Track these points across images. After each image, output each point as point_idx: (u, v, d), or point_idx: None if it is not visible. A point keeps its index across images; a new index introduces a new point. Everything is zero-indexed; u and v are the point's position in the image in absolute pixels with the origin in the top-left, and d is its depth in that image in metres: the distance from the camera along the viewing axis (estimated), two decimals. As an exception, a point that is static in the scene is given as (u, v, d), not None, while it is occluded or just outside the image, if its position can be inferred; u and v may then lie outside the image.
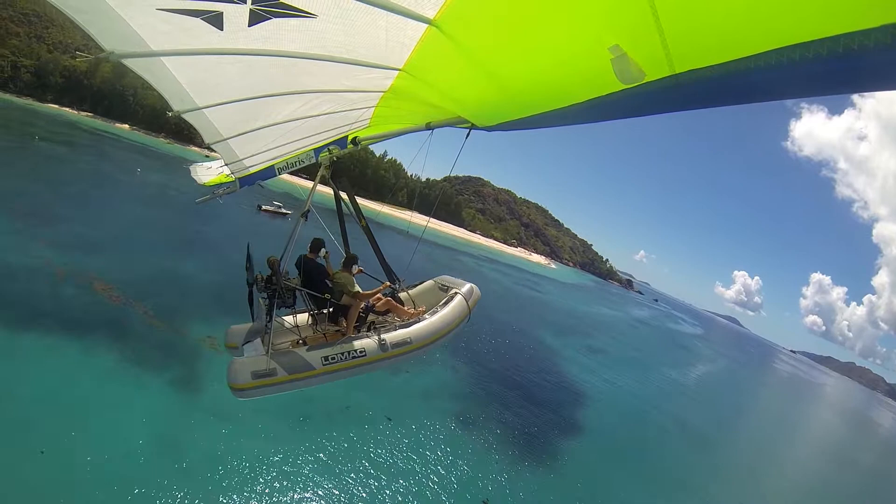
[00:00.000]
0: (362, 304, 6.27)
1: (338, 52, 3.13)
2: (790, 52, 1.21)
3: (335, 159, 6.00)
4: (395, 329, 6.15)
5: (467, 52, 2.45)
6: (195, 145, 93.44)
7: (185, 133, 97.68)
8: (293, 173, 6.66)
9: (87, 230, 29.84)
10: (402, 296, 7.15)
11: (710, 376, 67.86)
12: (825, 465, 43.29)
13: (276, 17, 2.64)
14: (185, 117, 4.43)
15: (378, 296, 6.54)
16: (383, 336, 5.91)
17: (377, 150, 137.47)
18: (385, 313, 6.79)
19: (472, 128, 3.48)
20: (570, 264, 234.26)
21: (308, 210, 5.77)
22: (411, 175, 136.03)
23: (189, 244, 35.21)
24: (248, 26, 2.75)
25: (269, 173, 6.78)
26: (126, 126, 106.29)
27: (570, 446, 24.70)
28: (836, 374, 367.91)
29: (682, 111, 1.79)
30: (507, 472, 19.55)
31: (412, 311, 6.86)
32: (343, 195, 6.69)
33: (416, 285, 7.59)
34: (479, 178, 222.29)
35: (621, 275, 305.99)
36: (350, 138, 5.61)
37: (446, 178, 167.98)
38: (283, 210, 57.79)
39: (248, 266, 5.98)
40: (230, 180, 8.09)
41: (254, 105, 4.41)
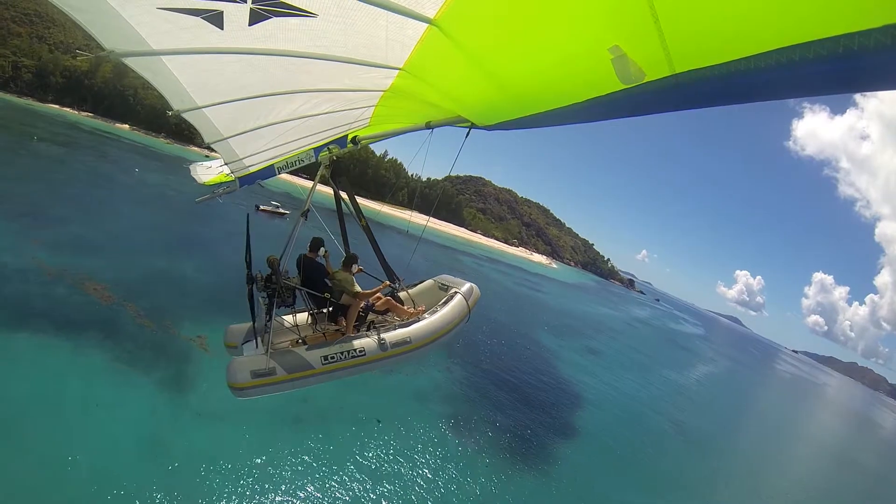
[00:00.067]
0: (362, 304, 6.28)
1: (338, 52, 3.14)
2: (790, 52, 1.21)
3: (335, 158, 6.00)
4: (395, 328, 6.15)
5: (467, 51, 2.46)
6: (195, 145, 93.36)
7: (185, 133, 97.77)
8: (293, 173, 6.66)
9: (82, 230, 29.64)
10: (402, 295, 7.15)
11: (711, 377, 67.15)
12: (827, 467, 43.02)
13: (276, 16, 2.64)
14: (185, 116, 4.43)
15: (378, 295, 6.54)
16: (383, 335, 5.91)
17: (378, 149, 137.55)
18: (385, 313, 6.80)
19: (472, 127, 3.48)
20: (572, 264, 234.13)
21: (308, 209, 5.77)
22: (412, 175, 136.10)
23: (184, 244, 34.85)
24: (249, 25, 2.76)
25: (269, 172, 6.78)
26: (126, 126, 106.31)
27: (565, 450, 24.04)
28: (839, 374, 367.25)
29: (682, 111, 1.80)
30: (497, 476, 19.11)
31: (412, 310, 6.86)
32: (343, 194, 6.69)
33: (416, 285, 7.59)
34: (480, 177, 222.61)
35: (623, 274, 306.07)
36: (350, 137, 5.62)
37: (447, 178, 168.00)
38: (280, 210, 57.53)
39: (248, 264, 5.98)
40: (230, 180, 8.09)
41: (253, 104, 4.41)
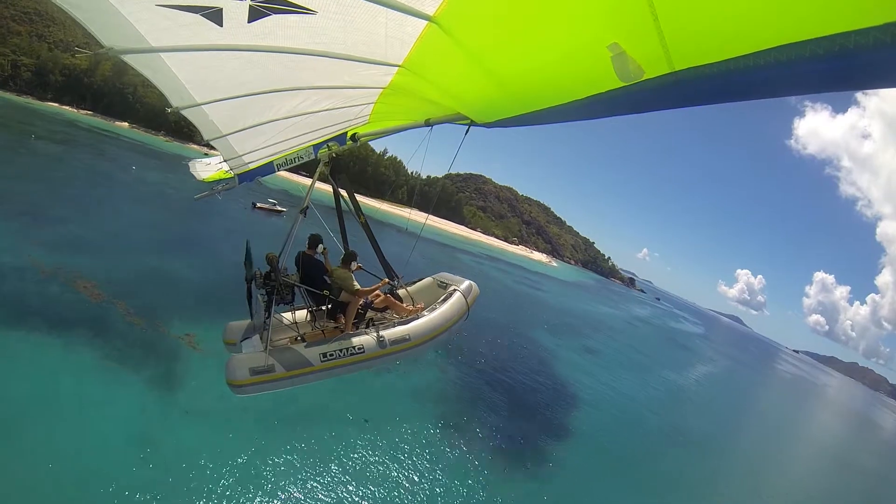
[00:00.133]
0: (361, 301, 6.28)
1: (337, 49, 3.13)
2: (789, 50, 1.21)
3: (334, 155, 6.00)
4: (394, 326, 6.16)
5: (467, 48, 2.45)
6: (194, 143, 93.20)
7: (184, 131, 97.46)
8: (292, 170, 6.66)
9: (77, 229, 29.54)
10: (401, 293, 7.16)
11: (711, 377, 66.72)
12: (827, 468, 42.89)
13: (275, 13, 2.63)
14: (184, 114, 4.41)
15: (377, 292, 6.55)
16: (382, 333, 5.92)
17: (377, 147, 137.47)
18: (384, 310, 6.81)
19: (472, 124, 3.49)
20: (572, 262, 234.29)
21: (307, 206, 5.78)
22: (412, 172, 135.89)
23: (178, 242, 34.59)
24: (248, 22, 2.75)
25: (269, 169, 6.77)
26: (125, 124, 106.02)
27: (559, 452, 23.54)
28: (839, 374, 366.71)
29: (681, 108, 1.80)
30: (486, 480, 18.62)
31: (411, 307, 6.87)
32: (342, 192, 6.69)
33: (415, 282, 7.60)
34: (480, 175, 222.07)
35: (623, 273, 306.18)
36: (349, 134, 5.62)
37: (447, 176, 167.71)
38: (278, 207, 57.28)
39: (247, 262, 5.98)
40: (229, 176, 8.07)
41: (253, 101, 4.40)
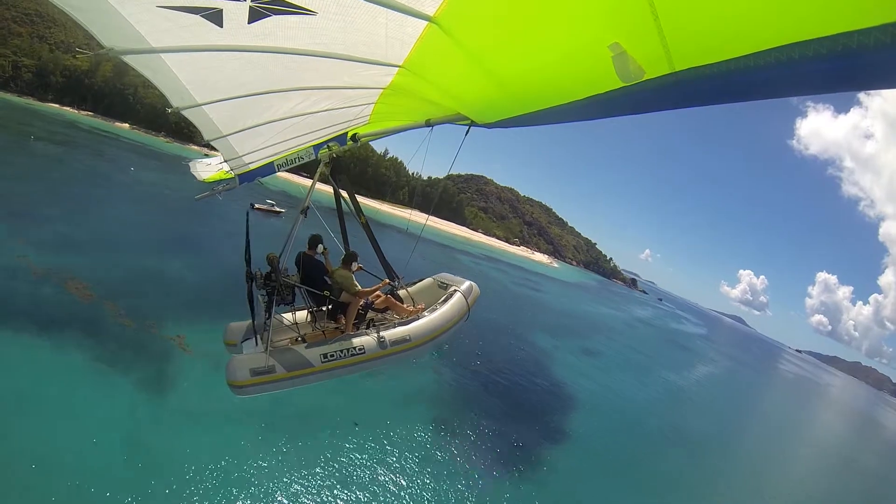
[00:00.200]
0: (361, 302, 6.28)
1: (337, 49, 3.13)
2: (790, 50, 1.21)
3: (335, 156, 6.00)
4: (395, 326, 6.15)
5: (467, 49, 2.45)
6: (194, 144, 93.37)
7: (184, 132, 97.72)
8: (292, 171, 6.66)
9: (71, 230, 29.56)
10: (402, 293, 7.15)
11: (713, 378, 66.29)
12: (830, 468, 42.65)
13: (275, 14, 2.63)
14: (185, 114, 4.41)
15: (377, 293, 6.54)
16: (382, 333, 5.91)
17: (378, 148, 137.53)
18: (384, 311, 6.80)
19: (472, 125, 3.48)
20: (574, 263, 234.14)
21: (308, 207, 5.77)
22: (413, 173, 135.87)
23: (172, 243, 34.52)
24: (248, 23, 2.75)
25: (269, 170, 6.77)
26: (126, 125, 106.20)
27: (555, 455, 23.11)
28: (842, 374, 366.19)
29: (682, 108, 1.80)
30: (477, 484, 18.30)
31: (411, 308, 6.86)
32: (343, 192, 6.68)
33: (416, 283, 7.59)
34: (482, 176, 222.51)
35: (625, 274, 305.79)
36: (350, 135, 5.62)
37: (448, 177, 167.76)
38: (276, 208, 57.13)
39: (248, 263, 5.98)
40: (229, 177, 8.08)
41: (253, 102, 4.40)
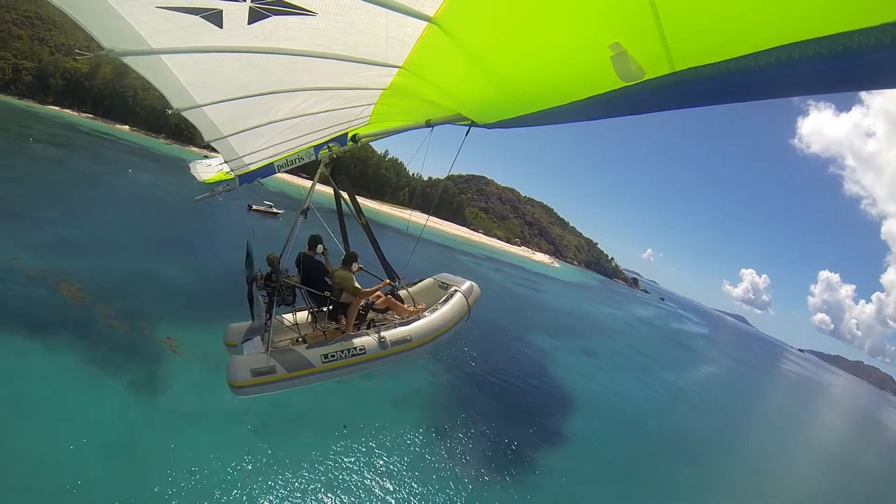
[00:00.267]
0: (362, 302, 6.28)
1: (337, 50, 3.13)
2: (790, 50, 1.21)
3: (335, 157, 6.00)
4: (395, 327, 6.15)
5: (467, 49, 2.45)
6: (194, 146, 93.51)
7: (184, 133, 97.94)
8: (292, 172, 6.66)
9: (66, 232, 29.44)
10: (402, 293, 7.15)
11: (714, 378, 65.84)
12: (832, 468, 42.46)
13: (275, 14, 2.63)
14: (185, 115, 4.42)
15: (378, 293, 6.54)
16: (383, 334, 5.91)
17: (378, 148, 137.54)
18: (385, 311, 6.80)
19: (472, 125, 3.48)
20: (575, 263, 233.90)
21: (308, 207, 5.77)
22: (413, 174, 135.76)
23: (169, 245, 34.27)
24: (248, 24, 2.75)
25: (269, 171, 6.78)
26: (126, 127, 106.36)
27: (552, 457, 22.74)
28: (845, 373, 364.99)
29: (683, 108, 1.80)
30: (470, 489, 17.95)
31: (412, 308, 6.86)
32: (343, 193, 6.69)
33: (416, 283, 7.60)
34: (482, 176, 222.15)
35: (627, 273, 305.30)
36: (350, 135, 5.62)
37: (449, 177, 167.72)
38: (274, 210, 56.69)
39: (248, 263, 5.98)
40: (230, 178, 8.09)
41: (253, 103, 4.41)
